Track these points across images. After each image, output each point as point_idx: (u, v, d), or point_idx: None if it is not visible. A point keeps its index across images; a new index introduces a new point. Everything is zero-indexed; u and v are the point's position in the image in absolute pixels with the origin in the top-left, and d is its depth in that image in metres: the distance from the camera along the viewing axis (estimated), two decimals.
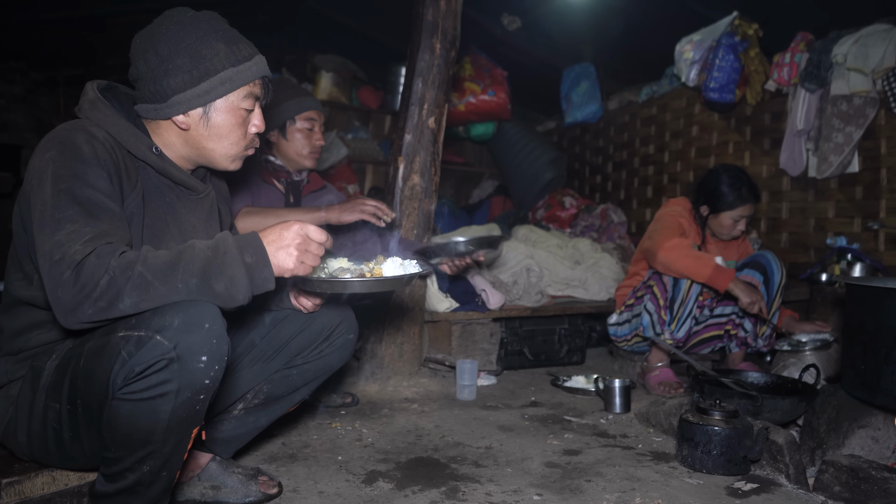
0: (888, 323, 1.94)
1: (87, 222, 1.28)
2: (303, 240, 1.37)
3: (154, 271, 1.24)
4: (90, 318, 1.23)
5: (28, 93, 5.47)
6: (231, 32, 1.54)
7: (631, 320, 3.13)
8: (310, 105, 2.63)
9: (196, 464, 1.81)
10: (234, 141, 1.56)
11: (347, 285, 1.51)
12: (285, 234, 1.36)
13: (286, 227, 1.37)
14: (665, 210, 3.16)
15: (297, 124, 2.61)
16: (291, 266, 1.36)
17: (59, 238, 1.25)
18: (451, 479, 1.96)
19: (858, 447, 2.06)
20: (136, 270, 1.23)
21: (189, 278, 1.26)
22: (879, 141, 3.63)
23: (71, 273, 1.22)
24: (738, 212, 2.98)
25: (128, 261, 1.24)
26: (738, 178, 2.98)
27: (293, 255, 1.35)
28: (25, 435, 1.44)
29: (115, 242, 1.28)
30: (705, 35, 4.33)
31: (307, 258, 1.38)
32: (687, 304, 2.86)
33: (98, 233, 1.27)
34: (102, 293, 1.22)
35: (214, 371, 1.28)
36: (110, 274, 1.22)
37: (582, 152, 6.24)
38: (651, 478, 2.01)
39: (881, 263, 3.54)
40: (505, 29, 5.43)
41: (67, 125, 1.42)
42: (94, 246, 1.24)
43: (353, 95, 6.15)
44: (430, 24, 2.94)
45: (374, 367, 3.06)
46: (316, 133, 2.65)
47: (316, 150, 2.66)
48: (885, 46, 3.47)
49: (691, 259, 2.79)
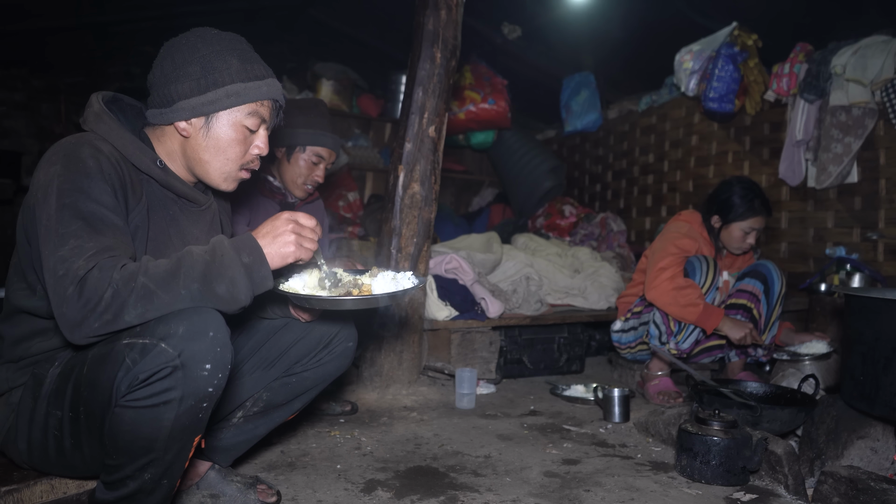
0: (887, 334, 1.94)
1: (91, 237, 1.29)
2: (295, 224, 1.40)
3: (156, 280, 1.25)
4: (96, 331, 1.24)
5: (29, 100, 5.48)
6: (249, 53, 1.55)
7: (637, 327, 3.12)
8: (325, 142, 2.63)
9: (195, 472, 1.81)
10: (231, 157, 1.54)
11: (339, 303, 1.51)
12: (277, 224, 1.39)
13: (275, 217, 1.41)
14: (670, 227, 3.13)
15: (306, 153, 2.61)
16: (293, 250, 1.39)
17: (62, 253, 1.26)
18: (450, 489, 1.96)
19: (857, 458, 2.06)
20: (138, 281, 1.24)
21: (191, 283, 1.27)
22: (878, 151, 3.64)
23: (75, 289, 1.22)
24: (748, 223, 2.97)
25: (129, 272, 1.25)
26: (751, 190, 2.98)
27: (291, 240, 1.38)
28: (25, 442, 1.44)
29: (118, 256, 1.28)
30: (705, 45, 4.35)
31: (305, 242, 1.41)
32: None
33: (101, 247, 1.28)
34: (107, 307, 1.23)
35: (218, 379, 1.28)
36: (114, 287, 1.23)
37: (582, 161, 6.25)
38: (650, 488, 2.01)
39: (880, 274, 3.55)
40: (505, 38, 5.45)
41: (73, 138, 1.42)
42: (97, 261, 1.25)
43: (353, 103, 6.17)
44: (430, 34, 2.96)
45: (374, 375, 3.06)
46: (319, 169, 2.65)
47: (312, 183, 2.66)
48: (884, 58, 3.49)
49: (676, 308, 2.83)
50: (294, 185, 2.65)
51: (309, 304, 1.53)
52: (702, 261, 2.88)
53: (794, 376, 2.85)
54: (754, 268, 3.04)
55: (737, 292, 3.04)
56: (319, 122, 2.64)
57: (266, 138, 1.59)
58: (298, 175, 2.63)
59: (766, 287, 2.96)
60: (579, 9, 4.91)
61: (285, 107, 1.64)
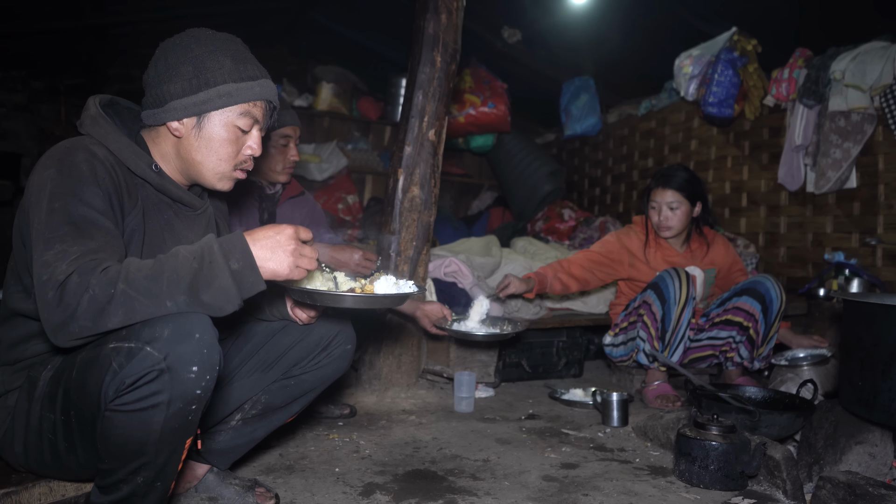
0: (886, 339, 1.94)
1: (76, 241, 1.28)
2: (297, 244, 1.35)
3: (137, 287, 1.23)
4: (77, 335, 1.24)
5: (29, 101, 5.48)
6: (243, 53, 1.54)
7: (626, 342, 3.12)
8: (286, 121, 2.58)
9: (193, 475, 1.81)
10: (223, 157, 1.54)
11: (339, 299, 1.51)
12: (279, 239, 1.33)
13: (279, 230, 1.35)
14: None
15: (272, 140, 2.56)
16: (286, 271, 1.34)
17: (46, 258, 1.26)
18: (449, 492, 1.96)
19: (856, 463, 2.06)
20: (118, 288, 1.22)
21: (177, 295, 1.24)
22: (877, 157, 3.65)
23: (55, 293, 1.22)
24: (652, 196, 3.16)
25: (109, 278, 1.23)
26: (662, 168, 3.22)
27: (288, 262, 1.33)
28: (22, 445, 1.44)
29: (100, 259, 1.26)
30: (704, 50, 4.36)
31: (302, 262, 1.36)
32: (679, 331, 2.86)
33: (84, 251, 1.27)
34: (84, 312, 1.21)
35: (206, 381, 1.27)
36: (91, 292, 1.21)
37: (581, 165, 6.26)
38: (648, 492, 2.01)
39: (879, 279, 3.55)
40: (505, 42, 5.46)
41: (68, 142, 1.43)
42: (78, 265, 1.24)
43: (353, 106, 6.18)
44: (430, 38, 2.96)
45: (372, 378, 3.05)
46: (291, 149, 2.62)
47: (290, 165, 2.64)
48: (883, 63, 3.49)
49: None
50: (275, 172, 2.62)
51: (311, 299, 1.53)
52: (672, 274, 2.88)
53: (792, 381, 2.86)
54: (753, 286, 2.98)
55: (734, 309, 3.00)
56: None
57: (259, 139, 1.58)
58: (275, 162, 2.60)
59: (764, 306, 2.91)
60: (579, 13, 4.92)
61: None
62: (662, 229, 3.14)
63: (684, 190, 3.08)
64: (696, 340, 3.10)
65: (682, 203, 3.09)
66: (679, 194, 3.08)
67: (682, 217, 3.10)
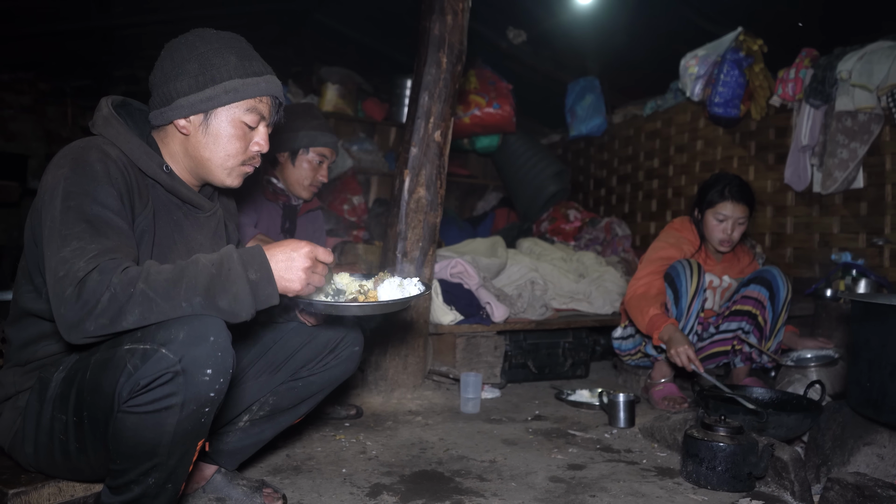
0: (893, 340, 1.93)
1: (94, 239, 1.29)
2: (312, 263, 1.38)
3: (156, 288, 1.25)
4: (92, 333, 1.25)
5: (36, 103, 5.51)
6: (247, 50, 1.55)
7: (635, 335, 3.13)
8: (326, 141, 2.71)
9: (201, 475, 1.81)
10: (230, 153, 1.55)
11: (343, 309, 1.52)
12: (295, 257, 1.36)
13: (296, 247, 1.37)
14: (660, 236, 3.19)
15: (309, 155, 2.69)
16: (298, 288, 1.37)
17: (64, 255, 1.26)
18: (456, 493, 1.96)
19: (864, 465, 2.06)
20: (137, 287, 1.24)
21: (193, 297, 1.26)
22: (884, 157, 3.63)
23: (73, 290, 1.23)
24: (719, 209, 2.96)
25: (129, 277, 1.24)
26: (725, 178, 3.00)
27: (301, 279, 1.36)
28: (32, 446, 1.44)
29: (119, 259, 1.28)
30: (710, 50, 4.35)
31: (314, 280, 1.39)
32: (688, 323, 2.86)
33: (103, 249, 1.28)
34: (104, 310, 1.23)
35: (219, 384, 1.28)
36: (111, 290, 1.23)
37: (586, 165, 6.25)
38: (655, 493, 2.00)
39: (886, 279, 3.54)
40: (510, 43, 5.46)
41: (81, 142, 1.43)
42: (98, 262, 1.25)
43: (358, 107, 6.18)
44: (436, 39, 2.96)
45: (379, 379, 3.06)
46: (322, 169, 2.74)
47: (317, 184, 2.75)
48: (890, 63, 3.48)
49: (636, 312, 2.92)
50: (300, 186, 2.72)
51: (314, 308, 1.54)
52: (685, 265, 2.87)
53: (799, 382, 2.84)
54: (760, 274, 3.02)
55: (742, 298, 3.03)
56: (317, 123, 2.72)
57: (266, 135, 1.59)
58: (304, 177, 2.71)
59: (771, 293, 2.94)
60: (584, 14, 4.91)
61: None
62: (725, 244, 3.00)
63: (752, 205, 3.01)
64: (706, 337, 3.09)
65: (748, 219, 3.00)
66: (748, 209, 2.99)
67: (742, 231, 3.02)
